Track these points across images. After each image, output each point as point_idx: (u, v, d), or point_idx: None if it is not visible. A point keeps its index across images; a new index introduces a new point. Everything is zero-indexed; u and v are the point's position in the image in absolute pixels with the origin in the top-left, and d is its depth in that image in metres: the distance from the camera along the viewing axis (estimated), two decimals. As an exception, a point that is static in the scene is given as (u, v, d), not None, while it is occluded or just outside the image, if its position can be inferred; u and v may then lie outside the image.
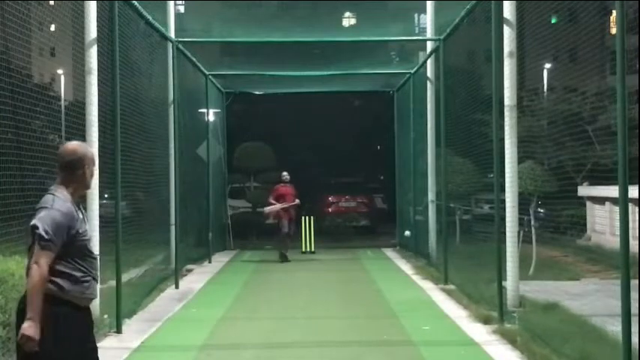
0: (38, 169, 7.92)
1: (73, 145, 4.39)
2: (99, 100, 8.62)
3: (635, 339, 5.52)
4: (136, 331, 8.65)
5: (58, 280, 4.09)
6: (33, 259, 4.00)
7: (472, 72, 14.10)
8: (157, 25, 11.97)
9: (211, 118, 17.91)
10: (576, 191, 14.69)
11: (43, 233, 3.99)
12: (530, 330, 7.76)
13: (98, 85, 8.67)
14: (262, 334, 8.63)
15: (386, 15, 17.86)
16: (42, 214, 4.06)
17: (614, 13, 5.72)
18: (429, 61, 14.84)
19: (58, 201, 4.13)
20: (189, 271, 14.23)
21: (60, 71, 16.05)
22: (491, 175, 9.59)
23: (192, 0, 18.82)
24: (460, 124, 12.74)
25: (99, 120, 8.62)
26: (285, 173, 16.87)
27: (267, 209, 16.85)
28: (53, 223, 4.03)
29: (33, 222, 4.05)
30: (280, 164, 24.87)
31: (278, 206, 16.49)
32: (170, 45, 13.30)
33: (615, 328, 6.35)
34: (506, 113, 9.11)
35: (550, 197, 12.45)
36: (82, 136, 8.53)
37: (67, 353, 4.08)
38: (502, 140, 9.10)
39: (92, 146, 8.41)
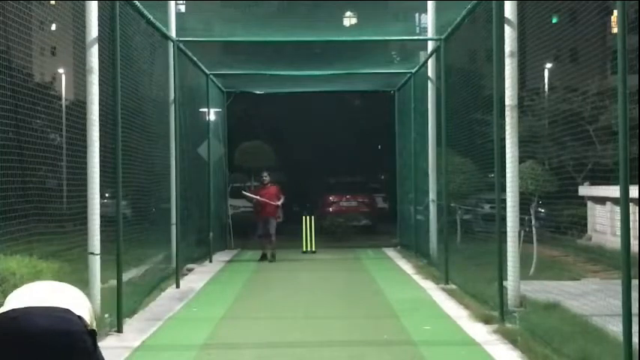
0: (39, 169, 7.93)
1: None
2: (100, 100, 8.62)
3: (635, 339, 5.52)
4: (136, 330, 8.65)
5: None
6: None
7: (473, 72, 14.07)
8: (157, 24, 11.96)
9: (212, 117, 17.91)
10: (577, 191, 14.68)
11: None
12: (530, 330, 7.75)
13: (99, 84, 8.67)
14: (263, 334, 8.63)
15: (387, 14, 17.89)
16: None
17: (615, 12, 5.72)
18: (429, 61, 14.83)
19: None
20: (190, 270, 14.23)
21: (61, 70, 16.08)
22: (492, 175, 9.59)
23: (193, -1, 18.85)
24: (461, 124, 12.73)
25: (100, 119, 8.63)
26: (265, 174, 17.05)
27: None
28: None
29: None
30: (281, 164, 24.94)
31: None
32: (171, 44, 13.30)
33: (616, 328, 6.35)
34: (507, 113, 9.10)
35: (551, 197, 12.43)
36: (83, 136, 8.54)
37: None
38: (503, 140, 9.10)
39: (93, 145, 8.43)
